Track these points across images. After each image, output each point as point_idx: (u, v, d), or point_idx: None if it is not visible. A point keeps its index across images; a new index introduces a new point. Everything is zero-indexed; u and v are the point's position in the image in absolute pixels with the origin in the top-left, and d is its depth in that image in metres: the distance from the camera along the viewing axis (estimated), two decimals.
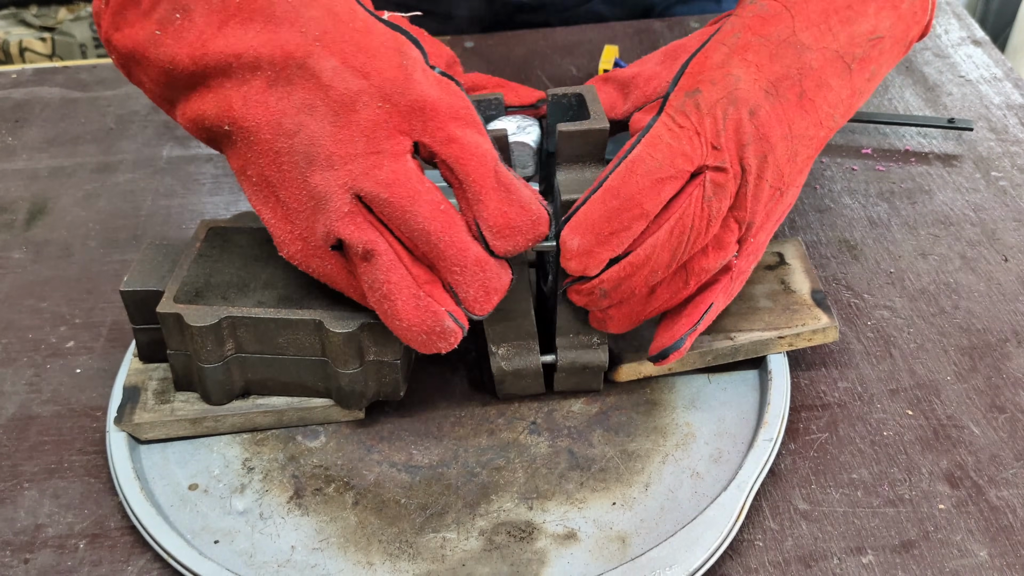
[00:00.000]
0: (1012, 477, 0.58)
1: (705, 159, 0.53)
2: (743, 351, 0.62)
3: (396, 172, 0.51)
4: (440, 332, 0.52)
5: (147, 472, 0.59)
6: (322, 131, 0.51)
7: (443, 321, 0.52)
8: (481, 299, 0.53)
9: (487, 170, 0.52)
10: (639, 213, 0.53)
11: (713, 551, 0.52)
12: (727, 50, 0.56)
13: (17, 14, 2.19)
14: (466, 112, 0.53)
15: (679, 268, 0.55)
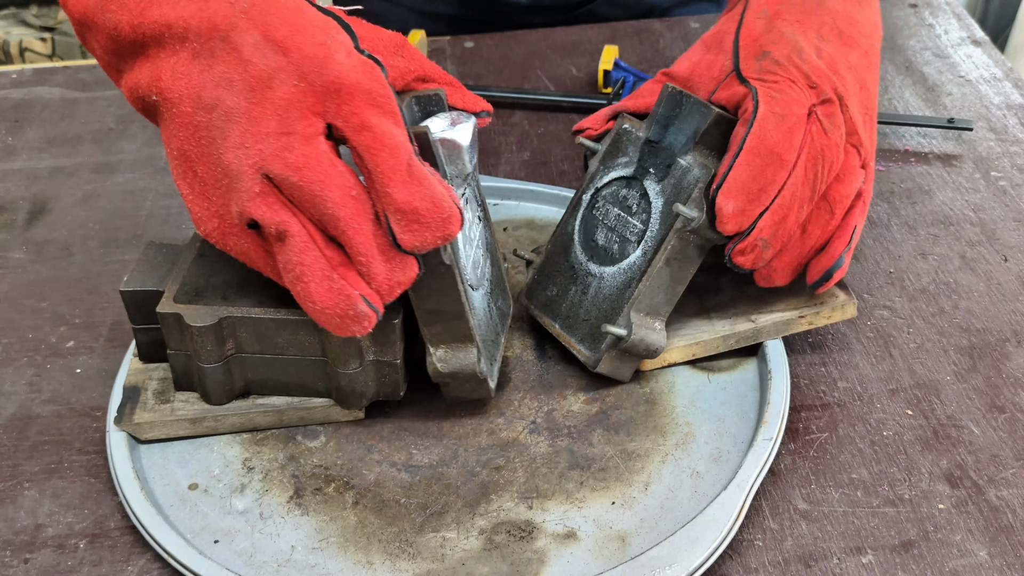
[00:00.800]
0: (1012, 477, 0.58)
1: (811, 98, 0.59)
2: (765, 333, 0.62)
3: (307, 155, 0.50)
4: (353, 315, 0.52)
5: (147, 472, 0.59)
6: (237, 107, 0.51)
7: (356, 304, 0.51)
8: (386, 290, 0.52)
9: (397, 162, 0.50)
10: (780, 164, 0.57)
11: (713, 550, 0.52)
12: (765, 20, 0.63)
13: (17, 14, 2.19)
14: (384, 99, 0.51)
15: (821, 201, 0.59)
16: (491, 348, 0.61)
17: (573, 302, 0.63)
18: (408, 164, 0.51)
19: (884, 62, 0.96)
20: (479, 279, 0.60)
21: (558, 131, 0.89)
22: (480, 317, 0.60)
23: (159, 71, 0.53)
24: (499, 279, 0.64)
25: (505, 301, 0.65)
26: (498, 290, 0.64)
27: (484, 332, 0.60)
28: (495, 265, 0.64)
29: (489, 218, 0.64)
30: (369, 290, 0.52)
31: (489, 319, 0.61)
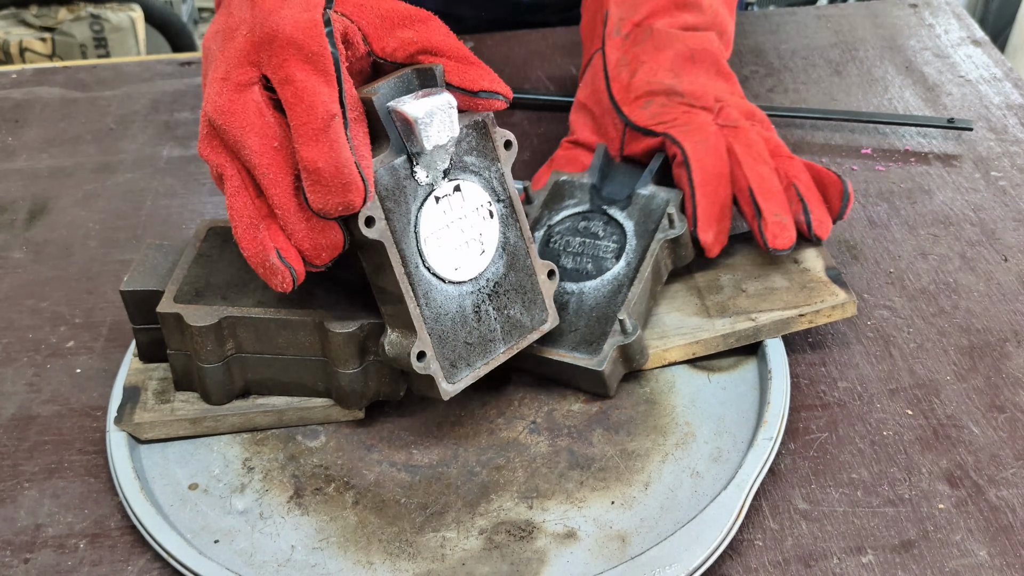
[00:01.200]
0: (1012, 477, 0.58)
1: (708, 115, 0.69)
2: (765, 331, 0.62)
3: (233, 101, 0.52)
4: (269, 267, 0.52)
5: (147, 472, 0.59)
6: (212, 54, 0.55)
7: (269, 257, 0.52)
8: (308, 250, 0.52)
9: (312, 118, 0.50)
10: (725, 178, 0.66)
11: (713, 550, 0.52)
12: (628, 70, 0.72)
13: (17, 14, 2.19)
14: (316, 56, 0.51)
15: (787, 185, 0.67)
16: (466, 351, 0.57)
17: None
18: (325, 124, 0.50)
19: (884, 62, 0.96)
20: (463, 275, 0.56)
21: (558, 131, 0.89)
22: (449, 313, 0.56)
23: None
24: (523, 287, 0.59)
25: (529, 312, 0.59)
26: (515, 297, 0.58)
27: (454, 330, 0.56)
28: (518, 271, 0.58)
29: (522, 221, 0.59)
30: (288, 246, 0.52)
31: (476, 321, 0.57)
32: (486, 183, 0.57)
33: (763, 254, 0.67)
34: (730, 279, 0.66)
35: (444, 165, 0.55)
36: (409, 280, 0.54)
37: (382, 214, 0.53)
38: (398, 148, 0.54)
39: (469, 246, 0.56)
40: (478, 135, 0.56)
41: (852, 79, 0.94)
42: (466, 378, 0.57)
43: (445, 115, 0.53)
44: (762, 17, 1.05)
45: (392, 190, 0.53)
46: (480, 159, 0.57)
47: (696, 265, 0.67)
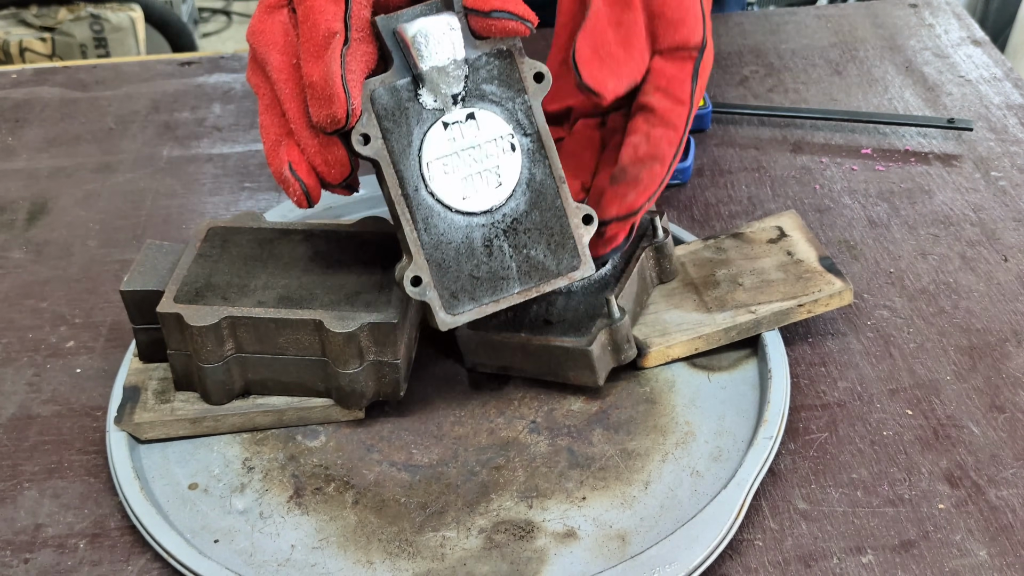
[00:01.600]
0: (1012, 477, 0.58)
1: None
2: (765, 323, 0.63)
3: (263, 22, 0.55)
4: (283, 180, 0.54)
5: (147, 472, 0.59)
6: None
7: (283, 169, 0.54)
8: (320, 166, 0.54)
9: (315, 34, 0.52)
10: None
11: (713, 550, 0.52)
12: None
13: (17, 14, 2.19)
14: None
15: None
16: (471, 284, 0.55)
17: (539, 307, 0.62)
18: (325, 41, 0.52)
19: (884, 62, 0.96)
20: (472, 205, 0.55)
21: None
22: (453, 242, 0.55)
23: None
24: (550, 227, 0.56)
25: (555, 256, 0.56)
26: (538, 237, 0.56)
27: (457, 261, 0.55)
28: (543, 210, 0.56)
29: (552, 158, 0.56)
30: (300, 160, 0.54)
31: (486, 256, 0.55)
32: (509, 114, 0.55)
33: (755, 247, 0.67)
34: (725, 274, 0.66)
35: (454, 90, 0.54)
36: (407, 202, 0.54)
37: (379, 132, 0.53)
38: (402, 70, 0.54)
39: (483, 177, 0.55)
40: (502, 64, 0.55)
41: (852, 79, 0.94)
42: (469, 312, 0.55)
43: (444, 35, 0.53)
44: (762, 17, 1.05)
45: (391, 110, 0.53)
46: (503, 89, 0.55)
47: (690, 263, 0.67)
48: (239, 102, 0.95)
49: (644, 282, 0.65)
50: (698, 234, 0.75)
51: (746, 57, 0.98)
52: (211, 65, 1.01)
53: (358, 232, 0.63)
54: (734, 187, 0.81)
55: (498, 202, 0.55)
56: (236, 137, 0.90)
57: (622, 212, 0.58)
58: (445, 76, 0.54)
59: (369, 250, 0.61)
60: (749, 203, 0.79)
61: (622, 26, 0.56)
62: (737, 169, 0.83)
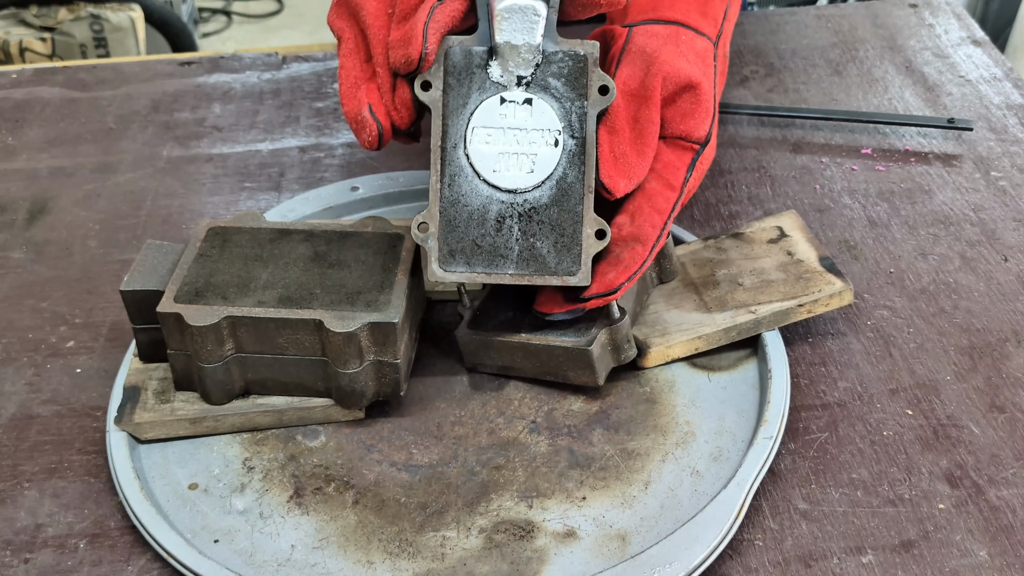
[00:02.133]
0: (1012, 477, 0.58)
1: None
2: (765, 323, 0.63)
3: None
4: (359, 121, 0.58)
5: (147, 472, 0.59)
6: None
7: (361, 111, 0.58)
8: (392, 108, 0.58)
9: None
10: None
11: (713, 550, 0.52)
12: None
13: (17, 14, 2.19)
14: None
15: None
16: (471, 250, 0.57)
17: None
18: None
19: (884, 62, 0.96)
20: (499, 181, 0.56)
21: None
22: (469, 206, 0.56)
23: None
24: (562, 227, 0.57)
25: (557, 255, 0.57)
26: (548, 232, 0.57)
27: (467, 224, 0.57)
28: (563, 209, 0.57)
29: (589, 167, 0.57)
30: (379, 103, 0.58)
31: (494, 230, 0.57)
32: (564, 113, 0.57)
33: (755, 247, 0.67)
34: (725, 274, 0.66)
35: (522, 72, 0.57)
36: (442, 155, 0.57)
37: (440, 84, 0.57)
38: (483, 38, 0.57)
39: (518, 159, 0.57)
40: (575, 66, 0.57)
41: (852, 79, 0.94)
42: (460, 274, 0.57)
43: (526, 17, 0.56)
44: (762, 17, 1.05)
45: (459, 69, 0.57)
46: (568, 89, 0.57)
47: (691, 262, 0.67)
48: (239, 102, 0.95)
49: (644, 282, 0.65)
50: (698, 234, 0.75)
51: (746, 57, 0.98)
52: (211, 65, 1.01)
53: (358, 232, 0.63)
54: (734, 187, 0.81)
55: (524, 186, 0.57)
56: (236, 137, 0.90)
57: (602, 290, 0.58)
58: (516, 55, 0.57)
59: (369, 250, 0.61)
60: (749, 203, 0.79)
61: (638, 123, 0.59)
62: (737, 169, 0.83)
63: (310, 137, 0.89)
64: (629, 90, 0.59)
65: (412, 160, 0.84)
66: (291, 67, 1.00)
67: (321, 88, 0.96)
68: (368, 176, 0.79)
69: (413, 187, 0.78)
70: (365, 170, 0.84)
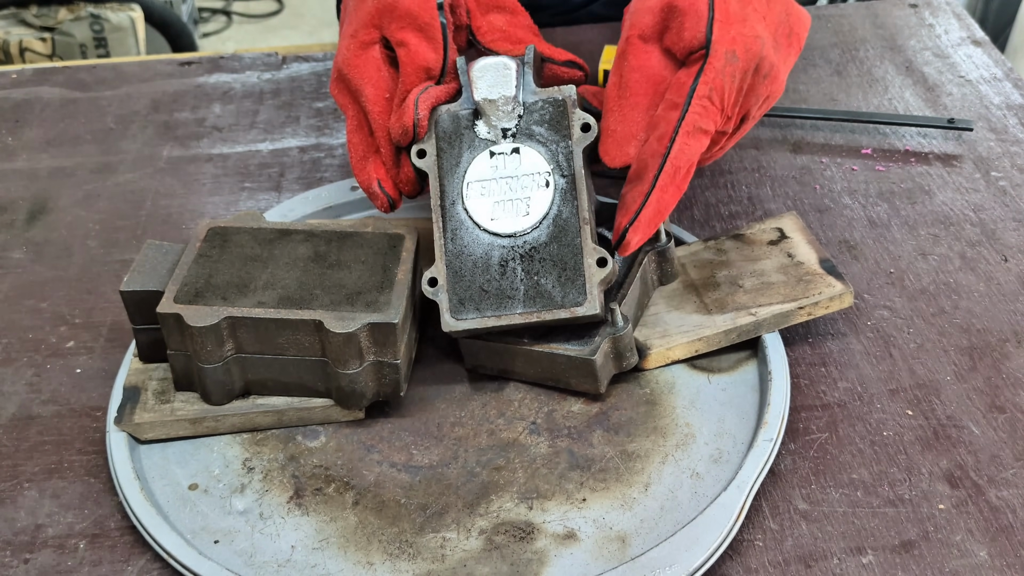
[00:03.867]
0: (1012, 477, 0.58)
1: (718, 127, 0.59)
2: (765, 325, 0.63)
3: (358, 56, 0.63)
4: (372, 193, 0.63)
5: (147, 472, 0.59)
6: (349, 9, 0.66)
7: (372, 185, 0.63)
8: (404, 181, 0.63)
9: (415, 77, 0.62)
10: (676, 200, 0.60)
11: (713, 551, 0.52)
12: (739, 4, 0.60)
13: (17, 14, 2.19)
14: (428, 25, 0.62)
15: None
16: (479, 296, 0.58)
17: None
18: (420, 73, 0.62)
19: (884, 62, 0.96)
20: (498, 227, 0.59)
21: None
22: (472, 255, 0.59)
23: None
24: (564, 262, 0.58)
25: (563, 288, 0.58)
26: (551, 268, 0.58)
27: (472, 272, 0.59)
28: (562, 244, 0.58)
29: (581, 200, 0.59)
30: (386, 176, 0.63)
31: (499, 274, 0.58)
32: (551, 155, 0.60)
33: (755, 249, 0.67)
34: (726, 275, 0.66)
35: (505, 124, 0.60)
36: (442, 213, 0.60)
37: (434, 150, 0.61)
38: (466, 102, 0.62)
39: (513, 205, 0.59)
40: (555, 111, 0.60)
41: (852, 79, 0.94)
42: (471, 320, 0.58)
43: (498, 72, 0.60)
44: None
45: (449, 133, 0.61)
46: (551, 132, 0.60)
47: (691, 264, 0.67)
48: (239, 102, 0.95)
49: (646, 286, 0.65)
50: (698, 235, 0.75)
51: None
52: (211, 65, 1.01)
53: (358, 232, 0.63)
54: (734, 187, 0.81)
55: (522, 229, 0.59)
56: (236, 137, 0.90)
57: (615, 240, 0.59)
58: (495, 109, 0.60)
59: (369, 250, 0.61)
60: (749, 203, 0.79)
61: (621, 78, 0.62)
62: (737, 169, 0.83)
63: (310, 137, 0.89)
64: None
65: None
66: (291, 67, 1.00)
67: (321, 88, 0.96)
68: None
69: None
70: None
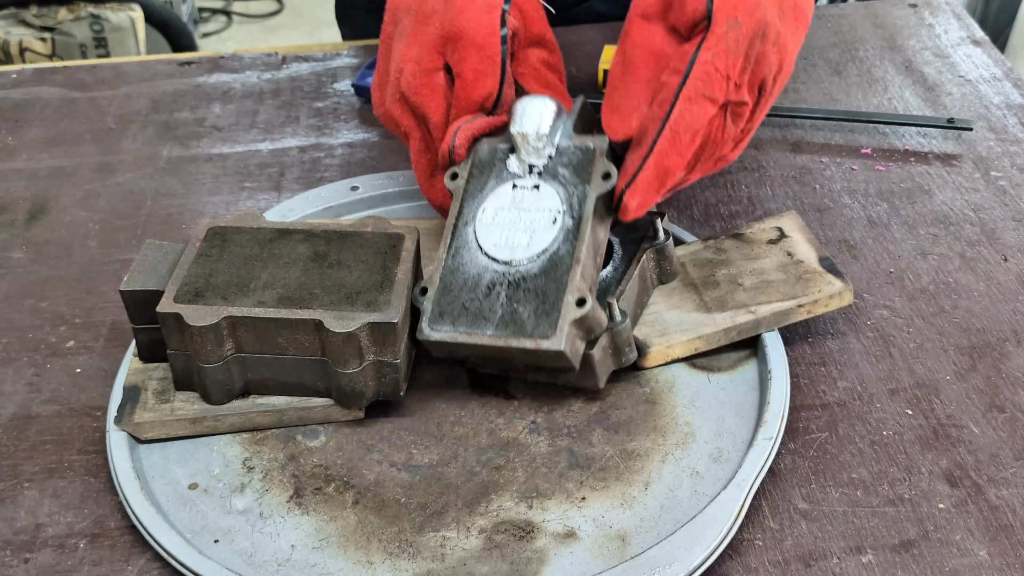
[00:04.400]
0: (1012, 477, 0.58)
1: (729, 96, 0.59)
2: (765, 323, 0.63)
3: (422, 80, 0.65)
4: (443, 209, 0.66)
5: (147, 472, 0.59)
6: (406, 30, 0.66)
7: (442, 202, 0.66)
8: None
9: (460, 106, 0.64)
10: (680, 167, 0.60)
11: (713, 550, 0.52)
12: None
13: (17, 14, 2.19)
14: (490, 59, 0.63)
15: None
16: (459, 312, 0.58)
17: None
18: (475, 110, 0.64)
19: (884, 62, 0.96)
20: (498, 253, 0.59)
21: None
22: (466, 274, 0.59)
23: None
24: (546, 295, 0.57)
25: (536, 320, 0.57)
26: (532, 299, 0.57)
27: (460, 289, 0.59)
28: (549, 279, 0.58)
29: (580, 241, 0.58)
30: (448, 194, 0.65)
31: (483, 296, 0.58)
32: (567, 196, 0.60)
33: (755, 248, 0.67)
34: (725, 274, 0.66)
35: (535, 162, 0.62)
36: (454, 230, 0.61)
37: (467, 174, 0.63)
38: (506, 137, 0.63)
39: (518, 235, 0.60)
40: (583, 157, 0.61)
41: (852, 79, 0.94)
42: (444, 333, 0.58)
43: (536, 110, 0.62)
44: None
45: (484, 163, 0.63)
46: (574, 176, 0.61)
47: (690, 263, 0.67)
48: (239, 102, 0.95)
49: (645, 284, 0.65)
50: (698, 234, 0.75)
51: None
52: (211, 65, 1.01)
53: (358, 232, 0.63)
54: (734, 187, 0.81)
55: (519, 259, 0.59)
56: (236, 137, 0.90)
57: (615, 203, 0.60)
58: (527, 144, 0.62)
59: (369, 250, 0.61)
60: (749, 203, 0.79)
61: (623, 53, 0.63)
62: (737, 169, 0.83)
63: (310, 137, 0.89)
64: None
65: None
66: (291, 67, 1.00)
67: (321, 88, 0.96)
68: (368, 176, 0.79)
69: (413, 187, 0.78)
70: (365, 170, 0.84)
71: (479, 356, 0.61)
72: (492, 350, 0.58)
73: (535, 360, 0.58)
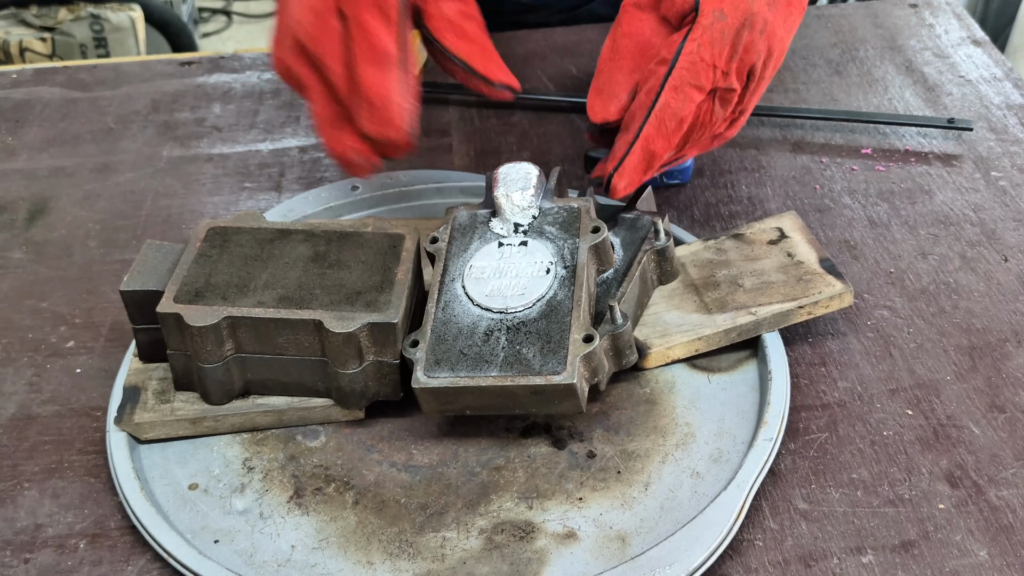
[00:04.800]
0: (1012, 477, 0.58)
1: (716, 83, 0.61)
2: (765, 324, 0.63)
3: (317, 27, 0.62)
4: (348, 161, 0.64)
5: (147, 472, 0.59)
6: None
7: (347, 154, 0.64)
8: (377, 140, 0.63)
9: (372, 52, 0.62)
10: (666, 151, 0.62)
11: (713, 551, 0.52)
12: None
13: (17, 14, 2.19)
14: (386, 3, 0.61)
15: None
16: (457, 359, 0.57)
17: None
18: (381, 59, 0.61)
19: (884, 62, 0.96)
20: (491, 303, 0.59)
21: (558, 131, 0.89)
22: (460, 324, 0.58)
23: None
24: (550, 336, 0.57)
25: (543, 358, 0.56)
26: (535, 340, 0.57)
27: (455, 338, 0.58)
28: (551, 321, 0.58)
29: (578, 286, 0.59)
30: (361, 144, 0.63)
31: (481, 342, 0.57)
32: (557, 249, 0.61)
33: (755, 249, 0.67)
34: (726, 275, 0.66)
35: (517, 220, 0.63)
36: (440, 287, 0.61)
37: (447, 238, 0.63)
38: (487, 203, 0.64)
39: (510, 286, 0.60)
40: (568, 216, 0.63)
41: (852, 79, 0.94)
42: (443, 379, 0.56)
43: (519, 175, 0.64)
44: None
45: (465, 227, 0.64)
46: (561, 232, 0.62)
47: (691, 263, 0.67)
48: (239, 102, 0.95)
49: (645, 285, 0.65)
50: (698, 235, 0.75)
51: None
52: (211, 65, 1.01)
53: (358, 232, 0.63)
54: (734, 187, 0.81)
55: (515, 307, 0.59)
56: (236, 137, 0.90)
57: (604, 186, 0.63)
58: (512, 206, 0.63)
59: (369, 250, 0.61)
60: (749, 203, 0.79)
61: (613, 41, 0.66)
62: (737, 169, 0.83)
63: (310, 137, 0.89)
64: None
65: (412, 160, 0.84)
66: None
67: None
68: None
69: (413, 187, 0.78)
70: None
71: (478, 405, 0.58)
72: (496, 391, 0.56)
73: (541, 400, 0.57)
